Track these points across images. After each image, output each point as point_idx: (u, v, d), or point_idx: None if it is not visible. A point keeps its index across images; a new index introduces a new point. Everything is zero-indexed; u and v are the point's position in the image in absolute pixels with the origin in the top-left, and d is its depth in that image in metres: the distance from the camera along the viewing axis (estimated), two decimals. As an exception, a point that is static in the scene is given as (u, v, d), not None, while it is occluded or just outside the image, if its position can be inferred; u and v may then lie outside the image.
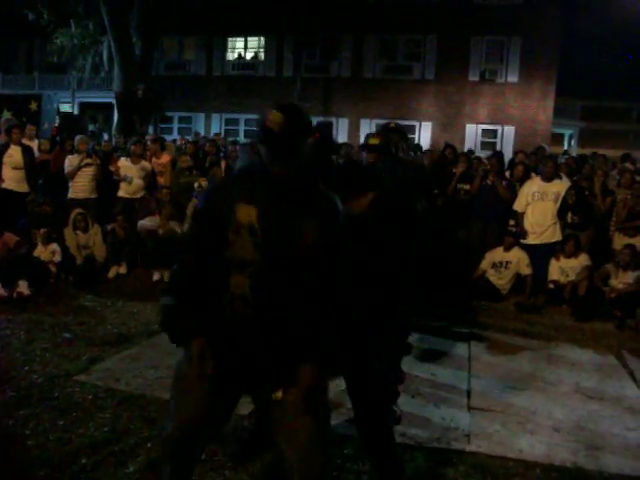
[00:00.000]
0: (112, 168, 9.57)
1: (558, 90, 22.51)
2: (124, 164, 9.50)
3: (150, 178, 9.67)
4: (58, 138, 12.43)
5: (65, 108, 23.39)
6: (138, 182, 9.43)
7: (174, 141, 14.70)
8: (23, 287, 7.10)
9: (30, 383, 4.65)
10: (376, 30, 23.05)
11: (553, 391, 5.11)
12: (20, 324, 6.09)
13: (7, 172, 8.79)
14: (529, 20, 21.24)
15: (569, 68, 23.22)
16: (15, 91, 21.77)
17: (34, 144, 9.95)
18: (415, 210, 4.26)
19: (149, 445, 3.76)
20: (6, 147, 8.87)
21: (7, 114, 12.49)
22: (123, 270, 8.54)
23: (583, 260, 7.95)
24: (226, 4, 21.99)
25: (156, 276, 8.25)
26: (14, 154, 8.83)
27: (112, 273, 8.41)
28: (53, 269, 7.93)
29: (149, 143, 10.69)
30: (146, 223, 8.83)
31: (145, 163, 9.69)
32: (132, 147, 9.81)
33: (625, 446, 4.16)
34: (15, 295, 7.02)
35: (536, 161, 10.17)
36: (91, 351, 5.43)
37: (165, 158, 10.15)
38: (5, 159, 8.78)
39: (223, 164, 10.01)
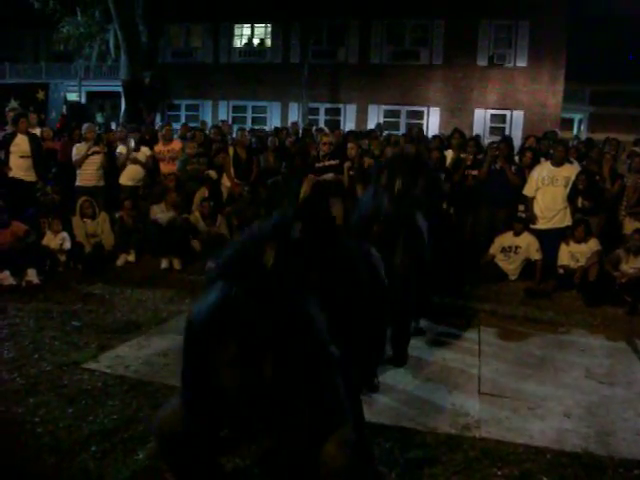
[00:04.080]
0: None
1: (567, 74, 22.29)
2: (124, 150, 9.52)
3: (151, 165, 9.65)
4: (59, 127, 12.42)
5: (72, 97, 23.31)
6: (138, 169, 9.45)
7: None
8: (32, 276, 7.12)
9: (39, 371, 4.67)
10: (383, 15, 22.87)
11: (563, 377, 5.08)
12: (29, 313, 6.11)
13: (15, 161, 8.79)
14: (537, 3, 21.01)
15: (578, 52, 22.97)
16: (22, 80, 21.71)
17: (37, 132, 9.94)
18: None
19: (158, 432, 3.76)
20: (13, 136, 8.88)
21: (14, 103, 12.44)
22: (131, 258, 8.53)
23: (593, 245, 7.89)
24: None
25: (164, 264, 8.25)
26: (21, 143, 8.83)
27: (121, 261, 8.41)
28: (62, 257, 7.95)
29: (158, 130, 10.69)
30: (157, 212, 8.83)
31: (145, 149, 9.68)
32: (130, 135, 9.82)
33: (636, 431, 4.13)
34: (24, 284, 7.04)
35: (548, 146, 10.07)
36: (100, 339, 5.45)
37: (175, 144, 10.12)
38: (12, 148, 8.79)
39: (231, 151, 9.96)
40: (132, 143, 9.62)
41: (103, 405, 4.13)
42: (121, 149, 9.58)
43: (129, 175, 9.48)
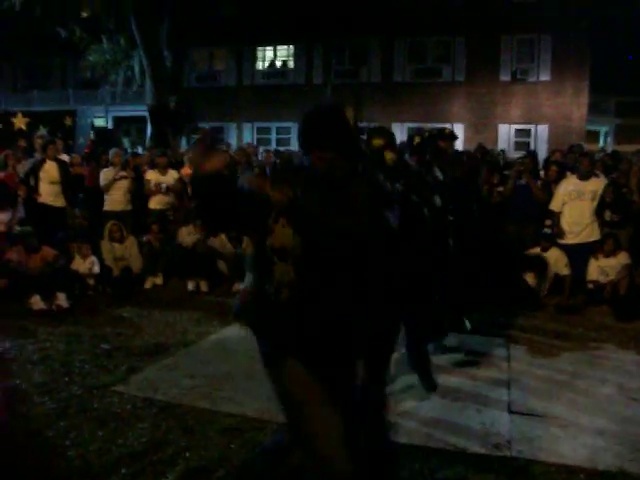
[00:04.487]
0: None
1: (592, 86, 22.16)
2: (153, 176, 9.62)
3: (180, 188, 9.75)
4: (87, 152, 12.62)
5: (99, 122, 23.78)
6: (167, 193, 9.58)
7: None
8: (62, 300, 7.22)
9: (70, 395, 4.71)
10: (404, 33, 23.00)
11: (595, 393, 5.00)
12: (59, 336, 6.18)
13: (44, 187, 8.96)
14: (559, 16, 20.95)
15: (602, 64, 22.84)
16: (50, 107, 22.17)
17: (65, 158, 10.12)
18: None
19: (187, 454, 3.77)
20: (42, 162, 9.05)
21: (42, 130, 12.72)
22: (159, 281, 8.62)
23: (623, 259, 7.79)
24: (254, 14, 22.09)
25: (190, 286, 8.31)
26: (50, 169, 9.01)
27: (148, 284, 8.50)
28: (91, 281, 8.05)
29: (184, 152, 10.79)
30: (184, 235, 8.91)
31: (173, 172, 9.79)
32: (157, 159, 9.94)
33: (672, 449, 4.04)
34: (54, 308, 7.14)
35: (574, 159, 9.99)
36: (129, 362, 5.48)
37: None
38: (41, 174, 8.96)
39: (255, 171, 10.03)
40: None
41: (133, 428, 4.15)
42: (150, 175, 9.68)
43: (157, 199, 9.58)
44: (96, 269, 8.08)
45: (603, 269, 7.85)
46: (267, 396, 3.06)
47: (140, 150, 16.77)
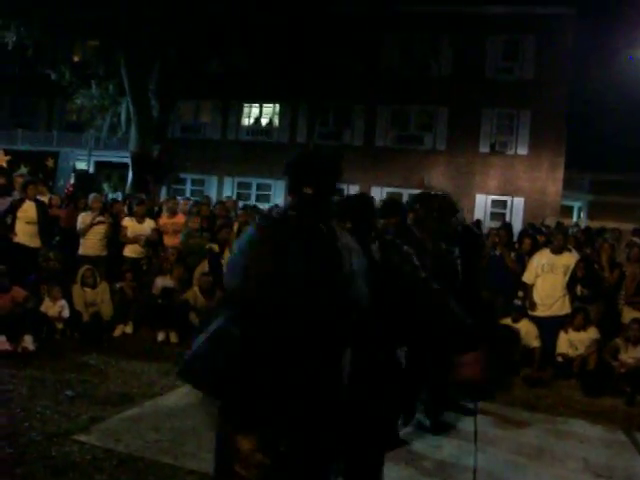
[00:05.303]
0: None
1: (567, 163, 22.76)
2: (130, 224, 9.62)
3: (156, 238, 9.75)
4: (69, 194, 12.60)
5: (81, 166, 23.79)
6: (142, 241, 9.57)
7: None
8: (28, 342, 7.08)
9: (29, 440, 4.59)
10: (389, 101, 23.56)
11: (561, 467, 4.99)
12: (23, 379, 6.05)
13: (20, 227, 8.88)
14: (538, 94, 21.68)
15: (578, 141, 23.53)
16: (33, 148, 22.20)
17: (45, 199, 10.09)
18: None
19: (145, 510, 3.68)
20: (21, 202, 9.00)
21: (23, 169, 12.71)
22: (129, 329, 8.50)
23: (592, 333, 7.87)
24: (242, 70, 22.54)
25: (160, 336, 8.21)
26: (28, 209, 8.95)
27: (118, 332, 8.38)
28: (59, 325, 7.92)
29: (163, 202, 10.81)
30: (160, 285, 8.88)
31: (149, 221, 9.80)
32: (135, 208, 9.95)
33: (635, 529, 4.03)
34: (20, 350, 6.99)
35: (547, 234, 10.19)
36: (92, 410, 5.37)
37: (180, 218, 10.25)
38: (19, 214, 8.89)
39: (235, 227, 10.06)
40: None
41: (91, 479, 4.04)
42: (126, 222, 9.68)
43: (132, 247, 9.56)
44: (66, 313, 7.96)
45: (572, 343, 7.92)
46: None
47: (120, 196, 16.80)
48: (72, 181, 15.60)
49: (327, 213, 2.60)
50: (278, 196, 23.68)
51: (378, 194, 22.97)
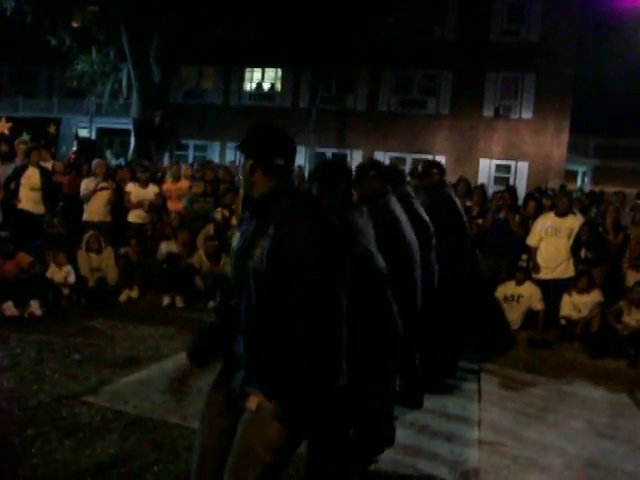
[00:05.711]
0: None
1: (572, 127, 22.60)
2: (133, 189, 9.61)
3: (160, 203, 9.74)
4: (71, 161, 12.56)
5: (83, 133, 23.69)
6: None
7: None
8: (35, 307, 7.13)
9: (38, 402, 4.64)
10: (392, 65, 23.31)
11: (564, 427, 5.05)
12: (30, 344, 6.10)
13: (24, 193, 8.88)
14: (543, 57, 21.43)
15: (583, 105, 23.33)
16: (34, 114, 22.07)
17: (48, 165, 10.06)
18: None
19: (155, 469, 3.74)
20: (24, 168, 8.98)
21: (25, 136, 12.62)
22: (134, 294, 8.54)
23: (596, 296, 7.89)
24: (245, 36, 22.31)
25: (166, 300, 8.26)
26: (32, 175, 8.94)
27: (123, 296, 8.42)
28: (65, 291, 7.96)
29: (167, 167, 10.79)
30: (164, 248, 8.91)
31: (153, 187, 9.79)
32: (139, 174, 9.92)
33: (637, 485, 4.09)
34: (26, 315, 7.05)
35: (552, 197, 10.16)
36: (100, 373, 5.43)
37: (183, 183, 10.24)
38: (23, 180, 8.88)
39: (241, 191, 10.03)
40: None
41: (101, 439, 4.10)
42: (130, 188, 9.66)
43: (137, 213, 9.56)
44: (71, 278, 8.00)
45: (576, 305, 7.94)
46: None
47: (123, 162, 16.75)
48: (74, 148, 15.49)
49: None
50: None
51: (381, 158, 22.88)
